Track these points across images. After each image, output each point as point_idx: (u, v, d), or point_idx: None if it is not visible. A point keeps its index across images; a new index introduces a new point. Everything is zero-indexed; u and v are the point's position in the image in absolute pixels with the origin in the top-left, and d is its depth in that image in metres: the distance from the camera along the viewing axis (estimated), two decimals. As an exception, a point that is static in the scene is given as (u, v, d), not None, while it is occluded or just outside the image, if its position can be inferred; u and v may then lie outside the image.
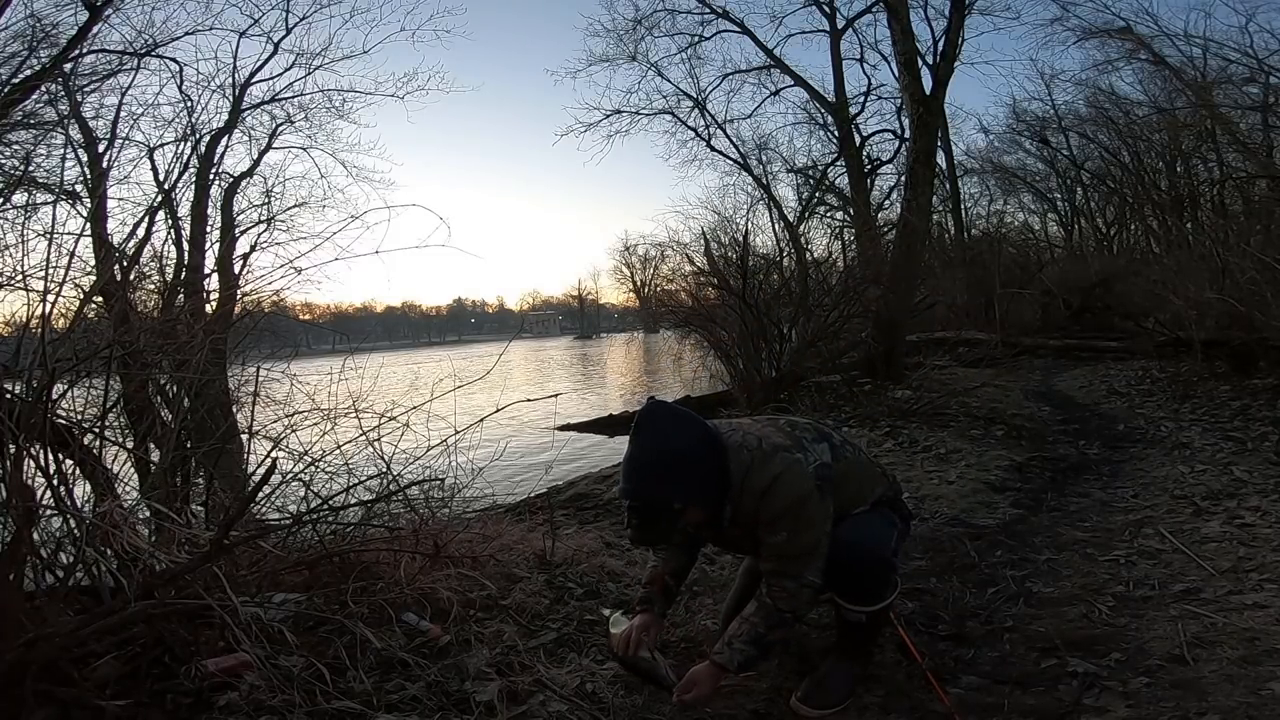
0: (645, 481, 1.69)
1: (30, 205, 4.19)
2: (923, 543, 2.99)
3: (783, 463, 1.72)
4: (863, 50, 14.02)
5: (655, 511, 1.69)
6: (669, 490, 1.68)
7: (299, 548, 2.32)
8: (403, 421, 2.54)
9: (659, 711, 1.79)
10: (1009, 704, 1.75)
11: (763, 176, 15.52)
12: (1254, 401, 5.53)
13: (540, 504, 3.66)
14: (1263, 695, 1.67)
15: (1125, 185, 16.29)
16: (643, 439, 1.71)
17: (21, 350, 2.12)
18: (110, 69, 8.49)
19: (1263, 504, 3.08)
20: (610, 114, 13.99)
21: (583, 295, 72.32)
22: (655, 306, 14.16)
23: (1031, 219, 19.71)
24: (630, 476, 1.70)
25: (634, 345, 18.42)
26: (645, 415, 1.73)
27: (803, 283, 8.17)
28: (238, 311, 3.26)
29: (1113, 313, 11.40)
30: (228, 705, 1.59)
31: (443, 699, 1.71)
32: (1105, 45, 12.01)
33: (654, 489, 1.68)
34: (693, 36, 13.73)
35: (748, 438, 1.77)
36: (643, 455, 1.70)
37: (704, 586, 2.54)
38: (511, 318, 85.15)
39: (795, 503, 1.70)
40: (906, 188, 8.58)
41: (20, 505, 1.67)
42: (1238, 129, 10.55)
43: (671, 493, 1.68)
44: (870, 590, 1.80)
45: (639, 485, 1.69)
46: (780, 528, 1.71)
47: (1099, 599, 2.31)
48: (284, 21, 10.28)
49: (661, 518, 1.70)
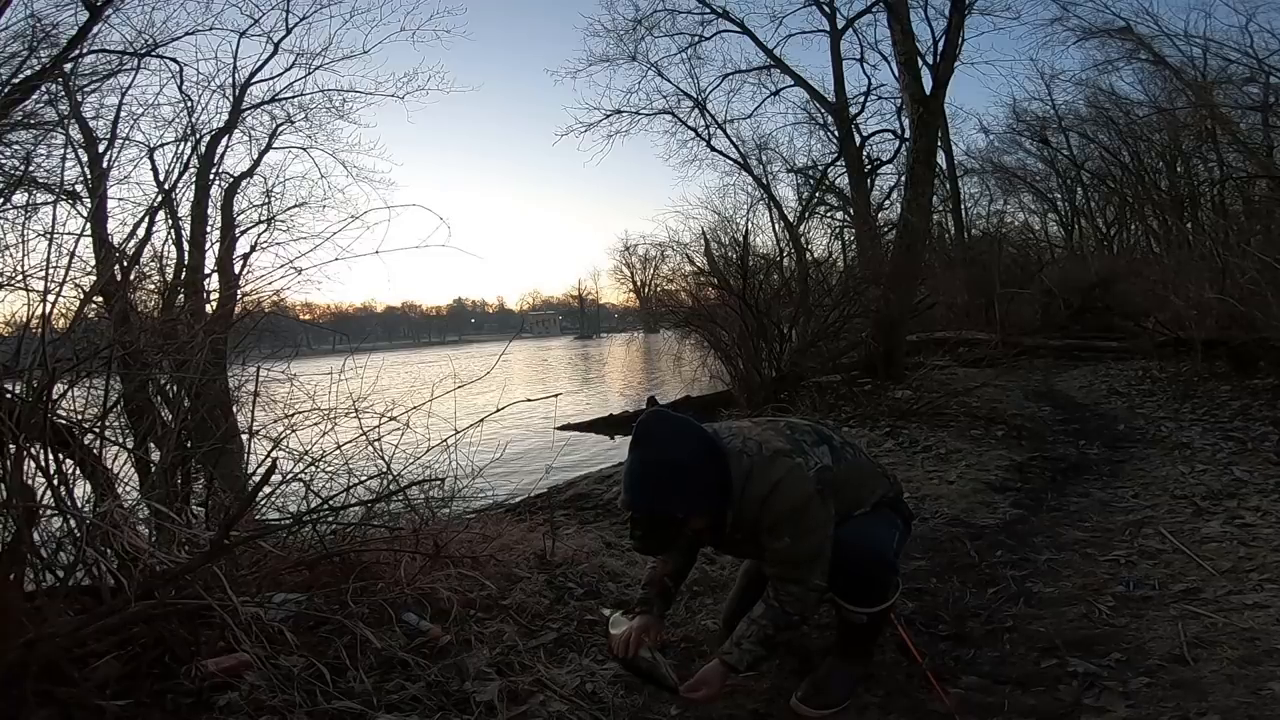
0: (647, 494, 1.69)
1: (30, 205, 4.18)
2: (923, 543, 2.99)
3: (783, 468, 1.72)
4: (863, 50, 14.04)
5: (659, 523, 1.70)
6: (671, 502, 1.68)
7: (299, 548, 2.32)
8: (403, 421, 2.54)
9: (659, 711, 1.79)
10: (1009, 704, 1.75)
11: (763, 176, 15.54)
12: (1254, 401, 5.53)
13: (540, 504, 3.66)
14: (1263, 695, 1.67)
15: (1125, 185, 16.26)
16: (643, 451, 1.71)
17: (21, 350, 2.11)
18: (110, 69, 8.50)
19: (1263, 504, 3.09)
20: (610, 114, 13.99)
21: (583, 295, 72.33)
22: (655, 306, 14.14)
23: (1031, 219, 19.72)
24: (632, 489, 1.70)
25: (634, 345, 18.41)
26: (644, 426, 1.73)
27: (803, 283, 8.18)
28: (238, 311, 3.25)
29: (1113, 313, 11.37)
30: (228, 705, 1.59)
31: (443, 699, 1.71)
32: (1105, 45, 12.05)
33: (656, 501, 1.68)
34: (693, 36, 13.74)
35: (747, 443, 1.77)
36: (644, 468, 1.70)
37: (704, 586, 2.54)
38: (511, 318, 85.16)
39: (797, 508, 1.70)
40: (906, 188, 8.58)
41: (20, 505, 1.67)
42: (1238, 129, 10.55)
43: (674, 504, 1.68)
44: (871, 592, 1.80)
45: (641, 498, 1.69)
46: (783, 533, 1.71)
47: (1099, 599, 2.31)
48: (284, 21, 10.30)
49: (665, 528, 1.71)
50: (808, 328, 7.39)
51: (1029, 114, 16.93)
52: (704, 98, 14.40)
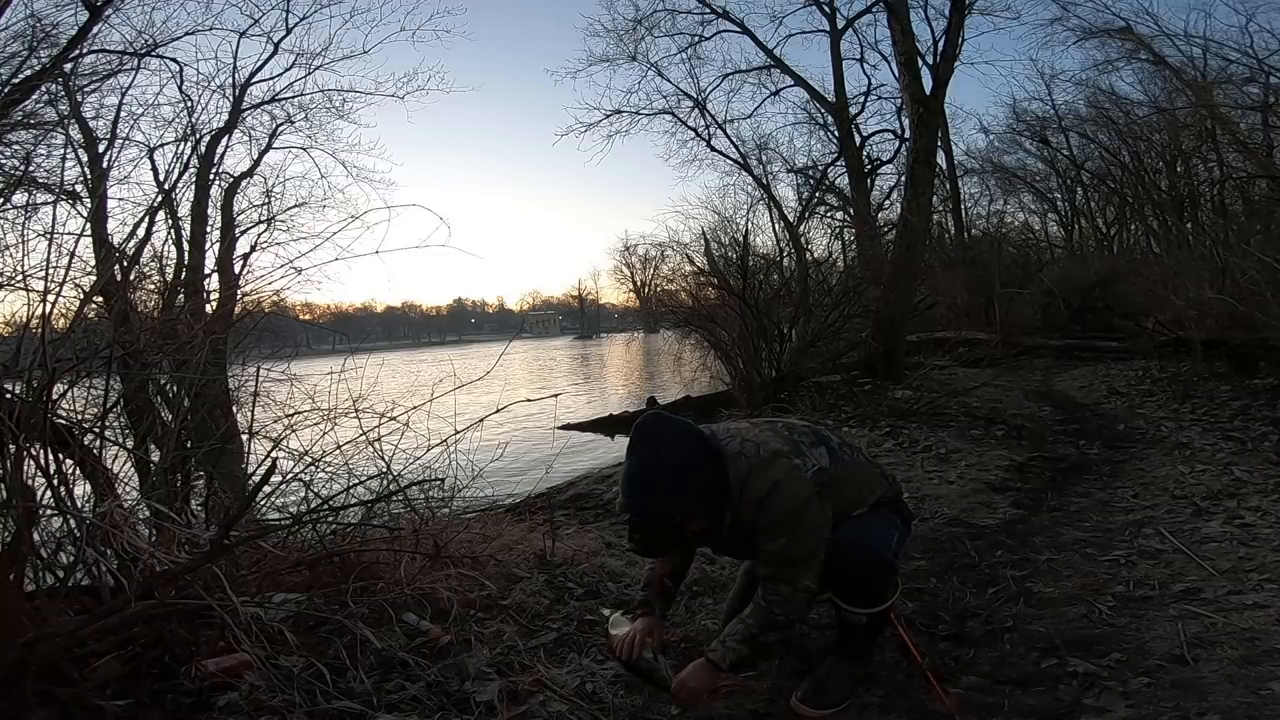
0: (646, 498, 1.69)
1: (30, 205, 4.18)
2: (923, 543, 2.99)
3: (781, 469, 1.72)
4: (863, 50, 14.05)
5: (657, 526, 1.71)
6: (670, 505, 1.69)
7: (299, 548, 2.32)
8: (403, 421, 2.54)
9: (659, 711, 1.79)
10: (1009, 704, 1.75)
11: (763, 176, 15.54)
12: (1254, 401, 5.53)
13: (540, 504, 3.67)
14: (1263, 695, 1.67)
15: (1125, 185, 16.26)
16: (641, 455, 1.72)
17: (21, 350, 2.11)
18: (110, 69, 8.48)
19: (1263, 504, 3.09)
20: (610, 114, 13.98)
21: (583, 295, 72.36)
22: (655, 306, 14.15)
23: (1031, 219, 19.71)
24: (631, 493, 1.70)
25: (634, 345, 18.41)
26: (641, 429, 1.74)
27: (803, 283, 8.18)
28: (238, 311, 3.25)
29: (1113, 313, 11.38)
30: (228, 705, 1.59)
31: (443, 699, 1.71)
32: (1105, 45, 12.02)
33: (655, 505, 1.69)
34: (693, 36, 13.74)
35: (745, 445, 1.77)
36: (642, 473, 1.71)
37: (704, 586, 2.54)
38: (511, 318, 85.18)
39: (794, 510, 1.70)
40: (906, 188, 8.58)
41: (20, 505, 1.67)
42: (1238, 129, 10.54)
43: (672, 507, 1.69)
44: (871, 592, 1.80)
45: (640, 502, 1.70)
46: (778, 534, 1.71)
47: (1099, 599, 2.31)
48: (284, 21, 10.26)
49: (663, 531, 1.72)
50: (808, 328, 7.39)
51: (1029, 114, 16.95)
52: (704, 98, 14.42)
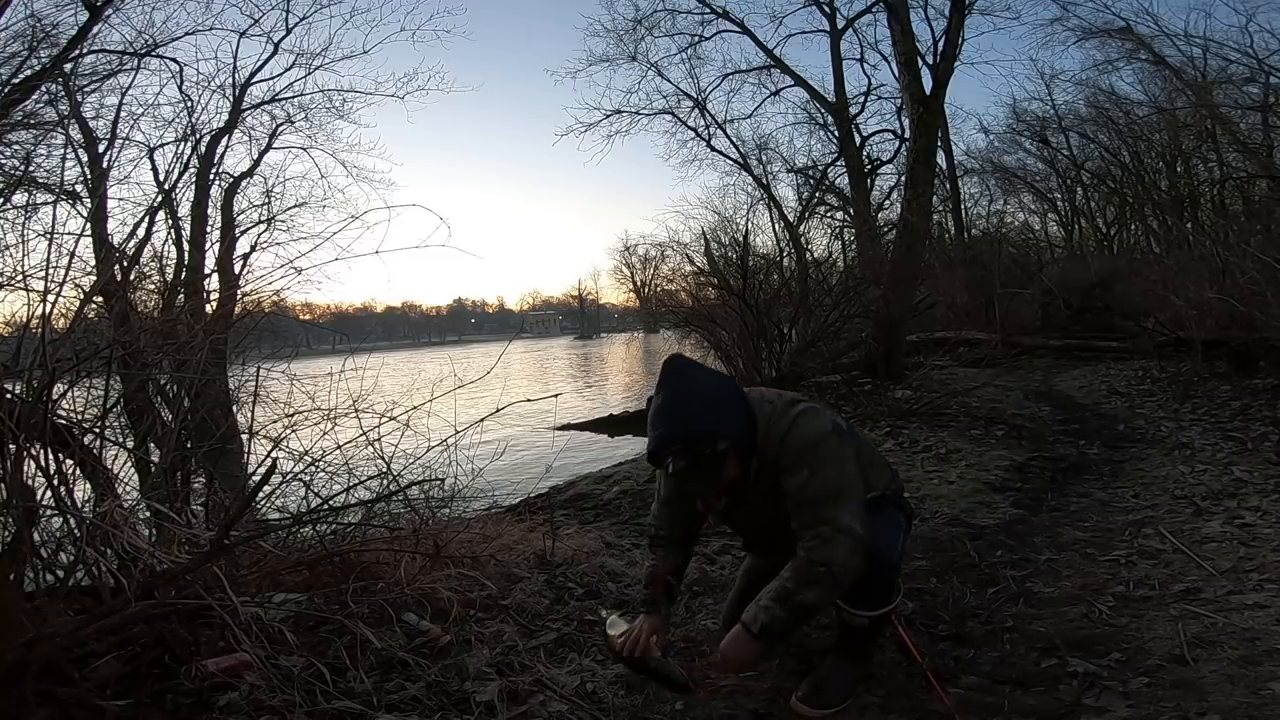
0: (686, 420, 1.67)
1: (30, 205, 4.19)
2: (923, 543, 3.00)
3: (802, 409, 1.76)
4: (863, 50, 14.07)
5: (700, 453, 1.67)
6: (710, 424, 1.67)
7: (299, 548, 2.33)
8: (403, 421, 2.54)
9: (659, 711, 1.79)
10: (1009, 704, 1.75)
11: (763, 176, 15.56)
12: (1254, 401, 5.53)
13: (540, 504, 3.67)
14: (1263, 695, 1.67)
15: (1125, 185, 16.25)
16: (673, 384, 1.72)
17: (21, 350, 2.12)
18: (110, 69, 8.48)
19: (1263, 504, 3.08)
20: (610, 114, 14.00)
21: (583, 295, 72.41)
22: (655, 306, 14.16)
23: (1031, 219, 19.71)
24: (668, 420, 1.68)
25: (634, 345, 18.42)
26: (670, 366, 1.75)
27: (803, 283, 8.17)
28: (238, 311, 3.25)
29: (1113, 313, 11.37)
30: (228, 705, 1.59)
31: (443, 699, 1.71)
32: (1105, 45, 12.02)
33: (696, 424, 1.66)
34: (693, 36, 13.76)
35: (767, 392, 1.83)
36: (677, 397, 1.70)
37: (704, 586, 2.54)
38: (511, 318, 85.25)
39: (814, 442, 1.71)
40: (906, 188, 8.58)
41: (20, 505, 1.67)
42: (1238, 129, 10.53)
43: (714, 426, 1.67)
44: (875, 595, 1.80)
45: (680, 426, 1.67)
46: (801, 466, 1.69)
47: (1099, 599, 2.31)
48: (284, 21, 10.27)
49: (706, 461, 1.68)
50: (808, 328, 7.39)
51: (1029, 114, 16.96)
52: (704, 98, 14.44)
